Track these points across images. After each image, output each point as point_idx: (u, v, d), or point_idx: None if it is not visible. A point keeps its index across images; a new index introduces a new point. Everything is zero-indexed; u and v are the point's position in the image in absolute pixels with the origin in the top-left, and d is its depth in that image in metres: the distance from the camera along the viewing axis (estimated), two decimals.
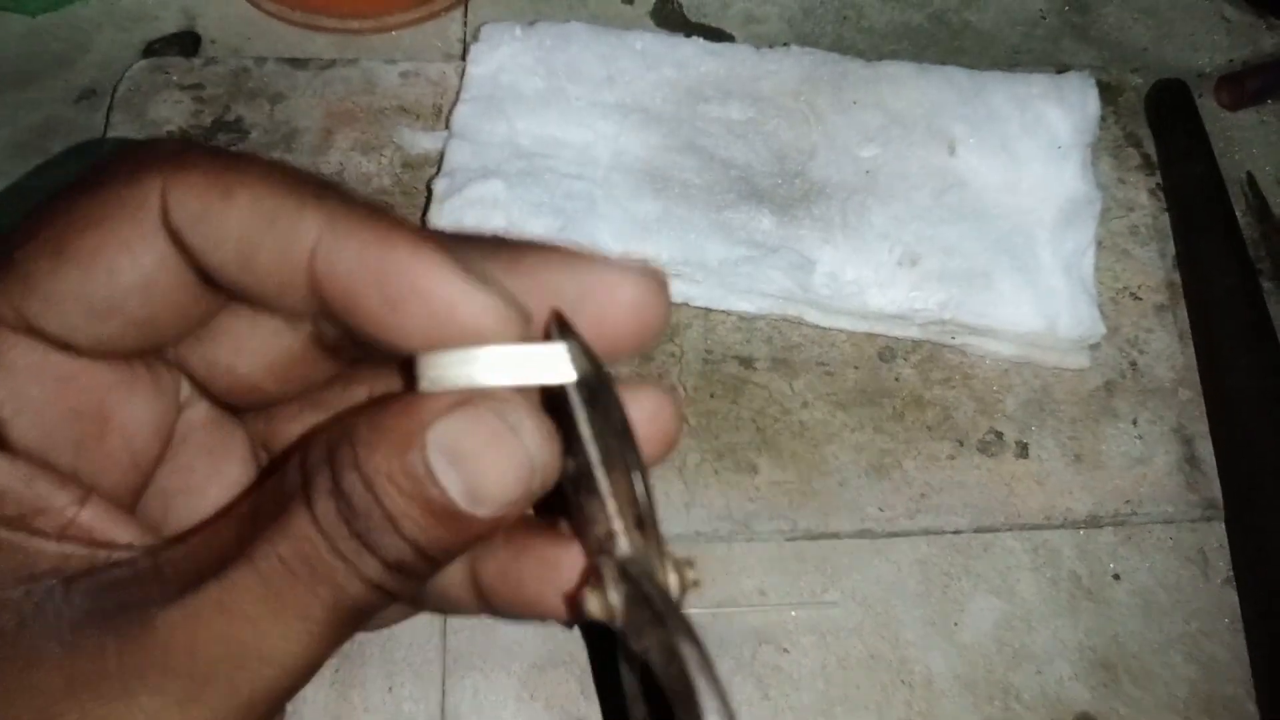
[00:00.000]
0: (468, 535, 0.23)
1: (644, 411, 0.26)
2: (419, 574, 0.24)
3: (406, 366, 0.24)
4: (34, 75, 0.58)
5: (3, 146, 0.56)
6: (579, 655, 0.45)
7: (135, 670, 0.21)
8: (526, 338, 0.24)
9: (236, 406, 0.29)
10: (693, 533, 0.47)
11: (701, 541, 0.48)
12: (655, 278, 0.26)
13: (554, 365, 0.24)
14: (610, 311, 0.25)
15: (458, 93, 0.56)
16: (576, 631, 0.45)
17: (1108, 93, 0.59)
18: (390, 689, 0.44)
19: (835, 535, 0.48)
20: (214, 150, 0.24)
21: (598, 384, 0.24)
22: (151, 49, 0.60)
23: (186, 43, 0.60)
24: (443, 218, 0.51)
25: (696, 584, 0.25)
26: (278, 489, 0.23)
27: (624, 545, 0.24)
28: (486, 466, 0.22)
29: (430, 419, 0.22)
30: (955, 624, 0.47)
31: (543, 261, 0.25)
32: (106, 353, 0.25)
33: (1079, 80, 0.56)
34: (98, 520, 0.24)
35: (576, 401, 0.24)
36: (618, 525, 0.24)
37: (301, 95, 0.57)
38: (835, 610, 0.47)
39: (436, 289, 0.23)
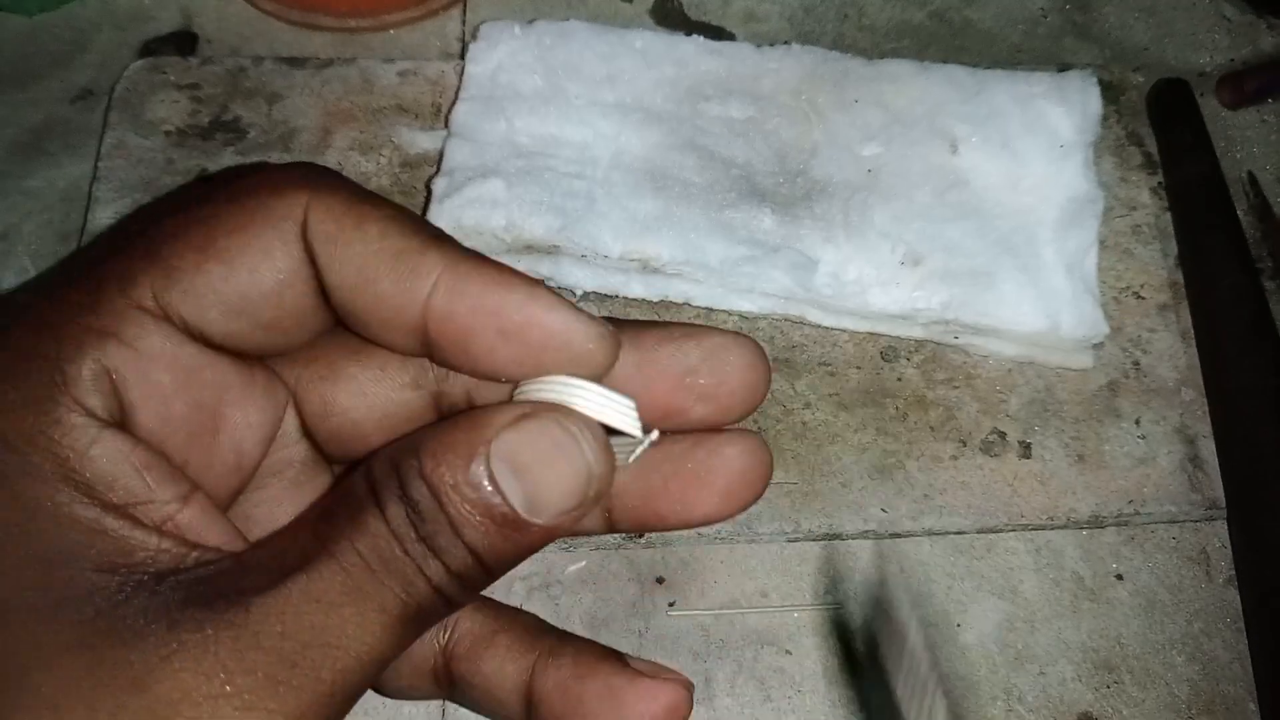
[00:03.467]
0: (523, 544, 0.25)
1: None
2: (476, 583, 0.25)
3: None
4: (32, 75, 0.58)
5: (1, 146, 0.56)
6: None
7: (232, 649, 0.22)
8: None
9: (332, 456, 0.31)
10: (694, 534, 0.47)
11: (703, 543, 0.48)
12: (758, 347, 0.30)
13: (627, 415, 0.26)
14: (728, 377, 0.29)
15: (456, 91, 0.56)
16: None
17: (1109, 91, 0.59)
18: None
19: (838, 537, 0.48)
20: (348, 181, 0.27)
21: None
22: (148, 49, 0.59)
23: (184, 42, 0.60)
24: (442, 217, 0.50)
25: None
26: (347, 496, 0.25)
27: None
28: (547, 475, 0.24)
29: (495, 431, 0.24)
30: (958, 625, 0.47)
31: (664, 334, 0.29)
32: (233, 349, 0.26)
33: (1081, 79, 0.56)
34: (195, 519, 0.25)
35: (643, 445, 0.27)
36: None
37: (299, 94, 0.57)
38: (838, 612, 0.47)
39: (550, 319, 0.25)
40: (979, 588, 0.48)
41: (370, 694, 0.43)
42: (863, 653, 0.26)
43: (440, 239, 0.26)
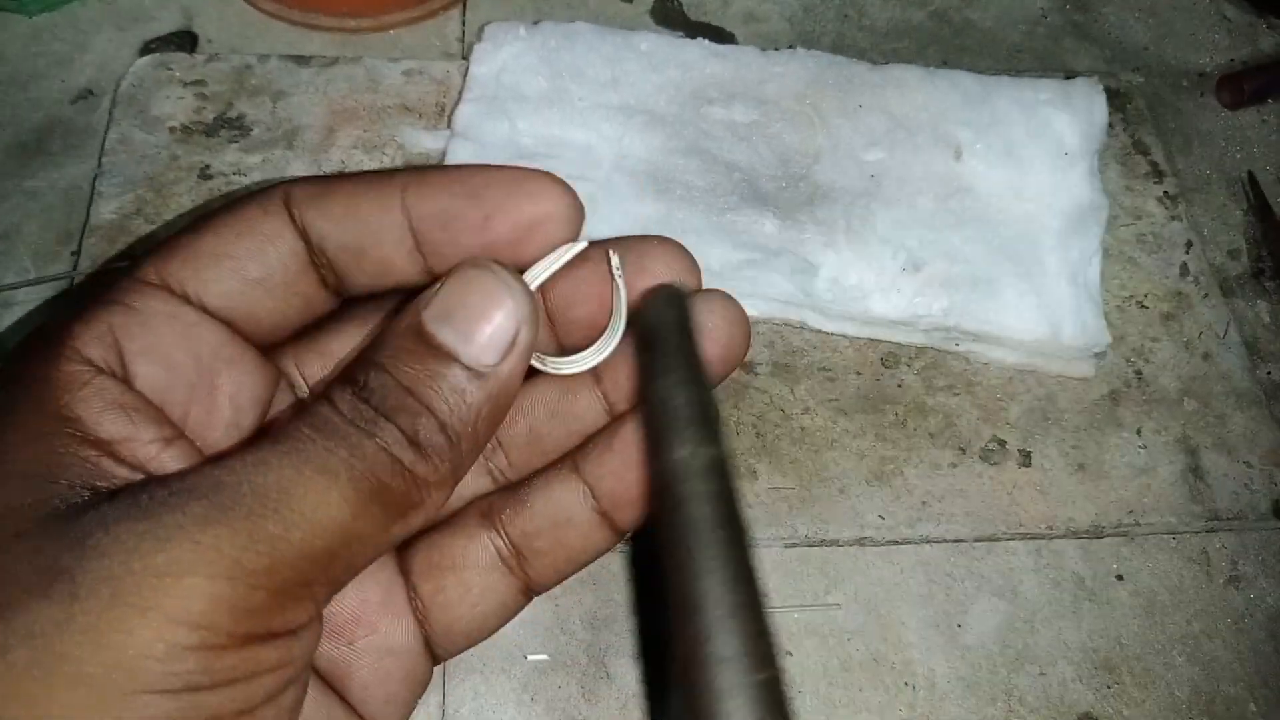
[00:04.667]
0: (479, 396, 0.27)
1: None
2: (439, 450, 0.26)
3: None
4: (32, 75, 0.58)
5: (2, 146, 0.56)
6: (579, 657, 0.45)
7: (165, 500, 0.23)
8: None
9: None
10: None
11: None
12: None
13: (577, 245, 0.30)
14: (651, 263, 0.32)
15: (460, 92, 0.56)
16: (577, 633, 0.45)
17: (1115, 100, 0.59)
18: None
19: (835, 543, 0.48)
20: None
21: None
22: (149, 49, 0.59)
23: (184, 42, 0.60)
24: None
25: None
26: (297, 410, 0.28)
27: None
28: (473, 309, 0.27)
29: (425, 301, 0.27)
30: (958, 626, 0.47)
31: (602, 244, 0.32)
32: (228, 310, 0.29)
33: (1087, 86, 0.56)
34: (177, 461, 0.26)
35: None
36: None
37: (304, 93, 0.57)
38: (838, 613, 0.47)
39: (533, 187, 0.29)
40: (979, 588, 0.48)
41: None
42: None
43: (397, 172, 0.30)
